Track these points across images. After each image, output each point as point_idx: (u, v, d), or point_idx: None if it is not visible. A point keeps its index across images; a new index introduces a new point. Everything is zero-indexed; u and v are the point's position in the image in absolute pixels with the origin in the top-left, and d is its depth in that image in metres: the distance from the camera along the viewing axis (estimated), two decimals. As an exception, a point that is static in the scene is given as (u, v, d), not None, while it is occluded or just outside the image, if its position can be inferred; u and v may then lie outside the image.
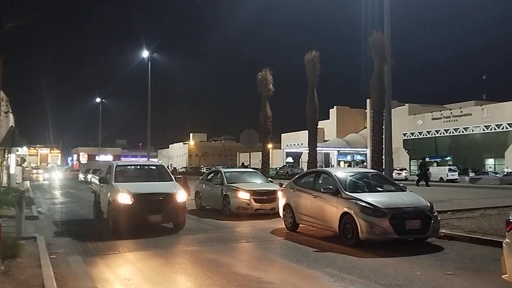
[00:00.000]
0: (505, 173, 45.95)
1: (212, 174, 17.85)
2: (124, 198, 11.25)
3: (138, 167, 14.70)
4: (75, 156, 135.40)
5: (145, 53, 40.25)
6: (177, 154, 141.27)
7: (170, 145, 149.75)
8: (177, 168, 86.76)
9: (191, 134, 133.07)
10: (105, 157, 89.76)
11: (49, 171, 58.41)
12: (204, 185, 17.52)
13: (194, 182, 19.78)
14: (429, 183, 31.20)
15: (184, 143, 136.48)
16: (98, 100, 71.33)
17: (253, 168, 24.23)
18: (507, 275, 5.53)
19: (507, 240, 5.57)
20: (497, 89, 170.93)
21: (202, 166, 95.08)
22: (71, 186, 38.80)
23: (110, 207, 11.74)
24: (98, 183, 13.95)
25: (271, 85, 33.13)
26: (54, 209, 18.84)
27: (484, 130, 57.42)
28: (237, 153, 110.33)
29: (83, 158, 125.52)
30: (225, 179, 15.86)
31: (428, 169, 32.67)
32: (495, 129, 55.98)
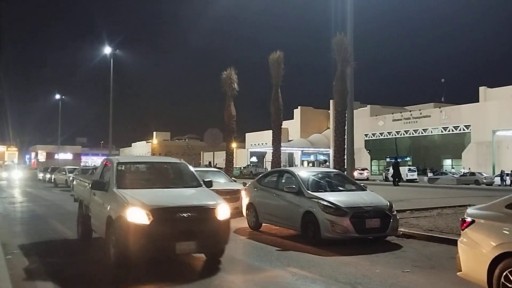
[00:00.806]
0: (462, 173, 47.59)
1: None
2: (137, 214, 7.08)
3: (150, 165, 10.31)
4: (33, 154, 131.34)
5: (107, 50, 39.49)
6: (139, 153, 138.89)
7: (132, 144, 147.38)
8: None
9: (154, 133, 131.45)
10: (65, 156, 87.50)
11: (7, 169, 56.34)
12: None
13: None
14: (398, 183, 32.51)
15: (147, 142, 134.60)
16: (58, 97, 69.46)
17: (216, 168, 24.17)
18: (462, 272, 5.72)
19: (462, 238, 5.76)
20: (455, 92, 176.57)
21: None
22: (30, 185, 37.60)
23: (112, 229, 7.48)
24: (89, 188, 9.46)
25: (235, 84, 33.11)
26: (12, 208, 18.22)
27: (442, 131, 59.25)
28: (201, 152, 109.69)
29: (42, 157, 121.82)
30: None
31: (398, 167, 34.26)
32: (452, 130, 57.84)
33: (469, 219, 5.68)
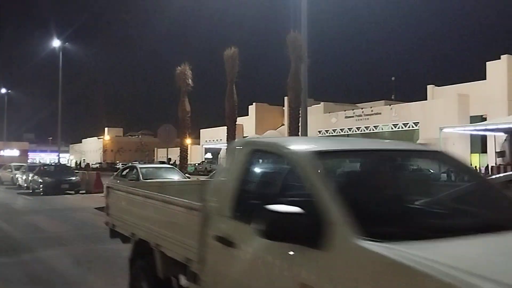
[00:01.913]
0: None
1: (127, 170, 17.38)
2: None
3: None
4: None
5: (56, 43, 38.17)
6: (90, 149, 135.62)
7: (83, 140, 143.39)
8: (90, 164, 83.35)
9: (106, 129, 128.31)
10: (11, 152, 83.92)
11: None
12: (118, 181, 16.96)
13: (108, 179, 19.10)
14: None
15: (98, 138, 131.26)
16: (3, 91, 66.58)
17: (170, 164, 23.90)
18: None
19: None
20: (404, 90, 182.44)
21: (117, 162, 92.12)
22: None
23: None
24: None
25: (190, 80, 32.74)
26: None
27: (392, 128, 61.04)
28: (155, 148, 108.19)
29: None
30: (140, 175, 15.51)
31: None
32: (402, 127, 59.72)
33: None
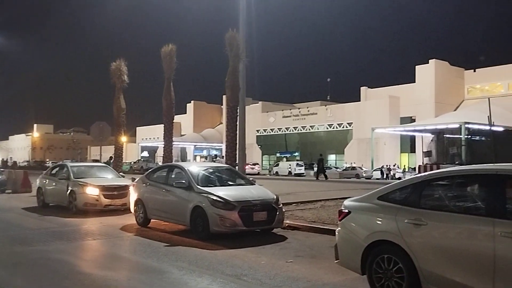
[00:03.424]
0: (344, 167, 50.79)
1: (57, 169, 16.61)
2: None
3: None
4: None
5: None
6: (18, 147, 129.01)
7: (10, 137, 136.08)
8: (17, 162, 79.15)
9: (35, 125, 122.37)
10: None
11: None
12: (47, 180, 16.23)
13: (37, 178, 18.21)
14: (318, 177, 34.95)
15: (27, 135, 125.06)
16: None
17: (104, 163, 23.16)
18: (339, 260, 6.10)
19: (340, 228, 6.14)
20: (340, 91, 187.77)
21: (47, 160, 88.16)
22: None
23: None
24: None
25: (125, 76, 31.83)
26: None
27: (327, 128, 62.76)
28: (88, 146, 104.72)
29: None
30: (71, 174, 14.89)
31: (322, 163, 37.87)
32: (337, 127, 61.53)
33: (345, 211, 6.06)
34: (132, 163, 62.07)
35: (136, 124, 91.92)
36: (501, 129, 36.04)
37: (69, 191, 14.47)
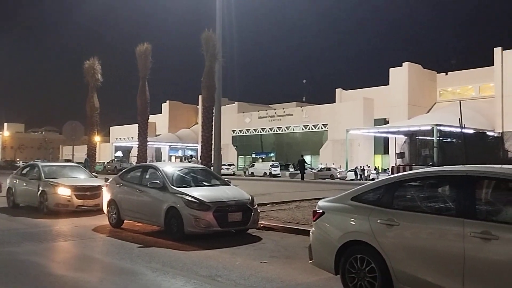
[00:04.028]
0: (319, 168, 51.14)
1: (28, 169, 16.24)
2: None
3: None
4: None
5: None
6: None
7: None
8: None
9: (5, 124, 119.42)
10: None
11: None
12: (18, 180, 15.87)
13: (7, 177, 17.78)
14: (303, 177, 36.86)
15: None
16: None
17: (77, 163, 22.76)
18: (313, 261, 6.13)
19: (314, 229, 6.18)
20: (315, 92, 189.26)
21: (18, 159, 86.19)
22: None
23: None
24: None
25: (99, 75, 31.42)
26: None
27: (303, 129, 63.14)
28: (60, 146, 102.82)
29: None
30: (42, 174, 14.59)
31: (305, 164, 40.36)
32: (312, 128, 61.95)
33: (319, 211, 6.10)
34: (106, 163, 61.22)
35: (110, 124, 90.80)
36: (471, 131, 36.92)
37: (40, 191, 14.18)
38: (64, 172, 15.49)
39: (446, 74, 57.20)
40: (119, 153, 79.76)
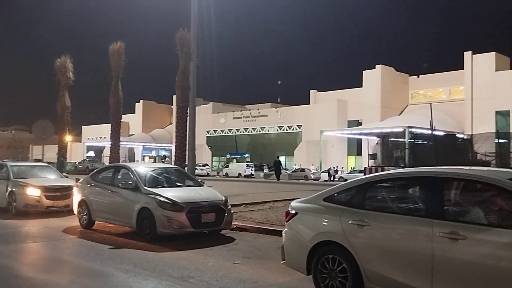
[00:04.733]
0: (294, 169, 51.40)
1: (-5, 168, 15.82)
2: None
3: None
4: None
5: None
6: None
7: None
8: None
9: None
10: None
11: None
12: None
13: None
14: (278, 178, 37.86)
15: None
16: None
17: (48, 163, 22.31)
18: (285, 261, 6.15)
19: (286, 229, 6.20)
20: (290, 93, 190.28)
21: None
22: None
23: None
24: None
25: (71, 74, 30.86)
26: None
27: (278, 130, 63.35)
28: (30, 145, 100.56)
29: None
30: (11, 174, 14.25)
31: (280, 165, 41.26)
32: (287, 129, 62.21)
33: (292, 212, 6.13)
34: (77, 163, 60.17)
35: (82, 123, 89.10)
36: (442, 133, 37.60)
37: (8, 191, 13.85)
38: (33, 172, 15.16)
39: (418, 77, 58.29)
40: (91, 153, 78.41)
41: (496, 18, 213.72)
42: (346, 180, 28.91)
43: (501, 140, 29.49)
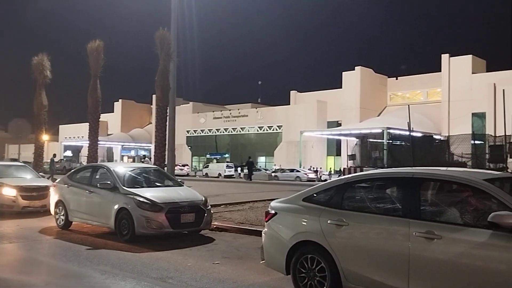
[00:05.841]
0: (274, 169, 51.51)
1: (-31, 168, 15.47)
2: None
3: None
4: None
5: None
6: None
7: None
8: None
9: None
10: None
11: None
12: None
13: None
14: (251, 178, 38.81)
15: None
16: None
17: (24, 162, 21.93)
18: (264, 261, 6.17)
19: (266, 229, 6.22)
20: (270, 94, 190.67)
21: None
22: None
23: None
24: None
25: (48, 72, 30.34)
26: None
27: (258, 130, 63.42)
28: (6, 144, 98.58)
29: None
30: (-15, 174, 13.96)
31: (254, 165, 42.74)
32: (267, 130, 62.32)
33: (272, 212, 6.15)
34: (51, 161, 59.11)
35: (59, 122, 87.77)
36: (419, 134, 38.17)
37: (-18, 192, 13.54)
38: (9, 172, 14.88)
39: (397, 79, 59.03)
40: (69, 153, 77.26)
41: (473, 22, 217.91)
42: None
43: (477, 142, 30.03)
